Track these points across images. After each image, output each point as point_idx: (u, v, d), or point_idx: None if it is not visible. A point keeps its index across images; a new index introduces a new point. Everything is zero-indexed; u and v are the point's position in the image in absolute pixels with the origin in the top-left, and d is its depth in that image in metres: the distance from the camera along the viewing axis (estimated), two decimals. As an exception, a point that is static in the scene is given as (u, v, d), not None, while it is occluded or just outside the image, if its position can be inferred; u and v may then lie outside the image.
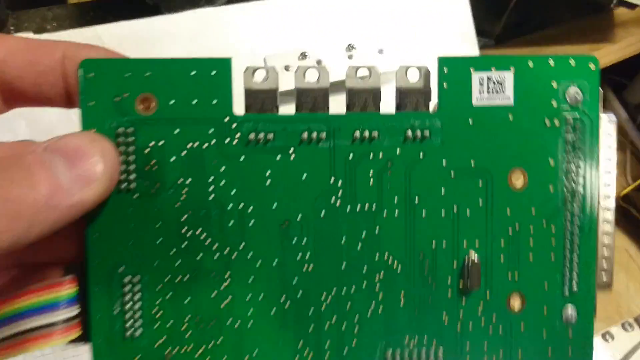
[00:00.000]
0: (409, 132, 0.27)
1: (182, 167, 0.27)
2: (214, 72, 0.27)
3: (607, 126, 0.28)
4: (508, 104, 0.28)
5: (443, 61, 0.28)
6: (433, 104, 0.28)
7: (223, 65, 0.27)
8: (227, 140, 0.27)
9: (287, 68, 0.34)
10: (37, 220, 0.21)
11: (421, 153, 0.28)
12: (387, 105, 0.28)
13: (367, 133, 0.27)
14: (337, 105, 0.28)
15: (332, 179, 0.28)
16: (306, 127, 0.27)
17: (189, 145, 0.27)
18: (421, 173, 0.28)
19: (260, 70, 0.28)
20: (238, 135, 0.27)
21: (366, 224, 0.28)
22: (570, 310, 0.29)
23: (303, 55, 0.34)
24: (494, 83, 0.28)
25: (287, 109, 0.27)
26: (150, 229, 0.27)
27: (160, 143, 0.27)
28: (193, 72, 0.26)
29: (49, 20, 0.44)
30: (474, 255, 0.28)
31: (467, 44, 0.37)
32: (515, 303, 0.29)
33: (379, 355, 0.28)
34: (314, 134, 0.27)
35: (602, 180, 0.29)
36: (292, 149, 0.27)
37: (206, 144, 0.27)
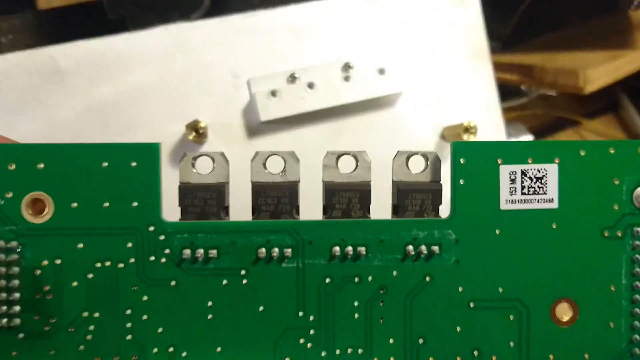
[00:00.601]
0: (411, 247, 0.20)
1: (87, 295, 0.19)
2: (134, 164, 0.19)
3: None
4: (550, 208, 0.20)
5: (459, 147, 0.20)
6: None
7: (148, 154, 0.19)
8: (152, 258, 0.19)
9: (273, 93, 0.27)
10: None
11: (427, 277, 0.20)
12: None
13: (350, 248, 0.19)
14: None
15: (301, 313, 0.19)
16: (264, 241, 0.19)
17: (98, 265, 0.19)
18: (427, 304, 0.20)
19: (204, 157, 0.20)
20: (167, 251, 0.19)
21: (349, 374, 0.20)
22: None
23: (292, 78, 0.28)
24: (532, 179, 0.20)
25: (268, 141, 0.20)
26: (41, 381, 0.19)
27: (57, 262, 0.19)
28: (105, 164, 0.19)
29: (4, 32, 0.38)
30: (502, 421, 0.20)
31: (479, 60, 0.30)
32: None
33: None
34: (275, 250, 0.19)
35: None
36: (244, 271, 0.19)
37: (122, 264, 0.19)
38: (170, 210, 0.20)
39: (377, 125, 0.29)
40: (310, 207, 0.21)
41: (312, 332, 0.20)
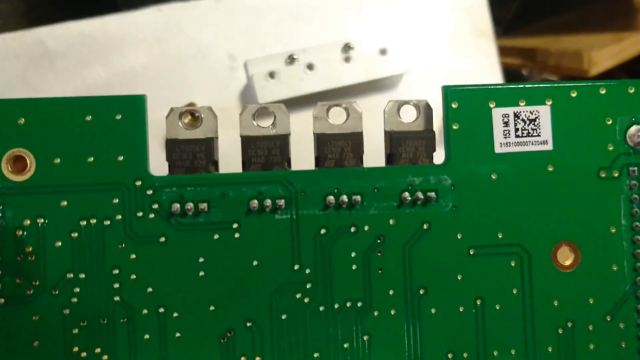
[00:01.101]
0: (406, 194, 0.19)
1: (72, 255, 0.18)
2: (119, 117, 0.18)
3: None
4: (545, 150, 0.20)
5: (450, 92, 0.19)
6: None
7: (134, 106, 0.18)
8: (140, 214, 0.18)
9: (272, 75, 0.27)
10: None
11: (425, 224, 0.19)
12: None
13: (345, 197, 0.19)
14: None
15: (297, 266, 0.19)
16: (256, 192, 0.19)
17: (83, 223, 0.18)
18: (426, 252, 0.19)
19: (190, 112, 0.20)
20: (156, 206, 0.18)
21: (349, 329, 0.19)
22: None
23: (291, 59, 0.28)
24: (524, 121, 0.20)
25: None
26: (25, 348, 0.18)
27: (40, 221, 0.18)
28: (89, 118, 0.18)
29: (-8, 17, 0.37)
30: (509, 372, 0.19)
31: (483, 40, 0.30)
32: None
33: None
34: (268, 202, 0.19)
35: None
36: (236, 224, 0.19)
37: (108, 222, 0.18)
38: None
39: (378, 108, 0.29)
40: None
41: (308, 286, 0.19)
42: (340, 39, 0.28)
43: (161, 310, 0.18)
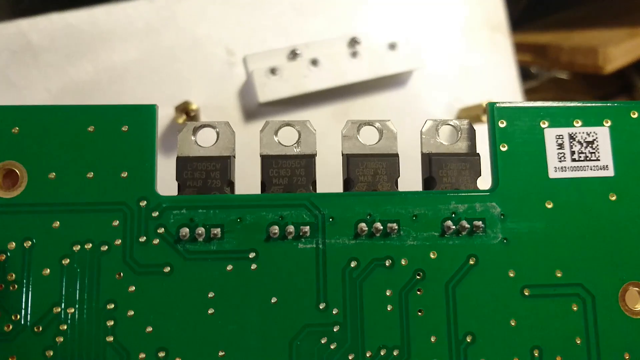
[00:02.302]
0: (449, 223, 0.17)
1: (60, 285, 0.16)
2: (125, 128, 0.16)
3: None
4: (606, 176, 0.17)
5: (497, 109, 0.17)
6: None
7: (143, 117, 0.16)
8: (143, 239, 0.16)
9: (273, 71, 0.25)
10: None
11: (472, 258, 0.17)
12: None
13: (379, 224, 0.16)
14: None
15: (322, 305, 0.16)
16: (277, 217, 0.16)
17: (76, 248, 0.16)
18: (473, 292, 0.16)
19: (207, 129, 0.17)
20: (161, 230, 0.16)
21: (383, 383, 0.16)
22: None
23: (293, 54, 0.26)
24: (581, 144, 0.17)
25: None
26: (-5, 400, 0.15)
27: (27, 244, 0.16)
28: (91, 128, 0.16)
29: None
30: None
31: (497, 35, 0.28)
32: None
33: None
34: (290, 228, 0.16)
35: None
36: (253, 254, 0.16)
37: (105, 247, 0.16)
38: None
39: (387, 106, 0.27)
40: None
41: (336, 328, 0.16)
42: (346, 33, 0.26)
43: (161, 354, 0.15)
